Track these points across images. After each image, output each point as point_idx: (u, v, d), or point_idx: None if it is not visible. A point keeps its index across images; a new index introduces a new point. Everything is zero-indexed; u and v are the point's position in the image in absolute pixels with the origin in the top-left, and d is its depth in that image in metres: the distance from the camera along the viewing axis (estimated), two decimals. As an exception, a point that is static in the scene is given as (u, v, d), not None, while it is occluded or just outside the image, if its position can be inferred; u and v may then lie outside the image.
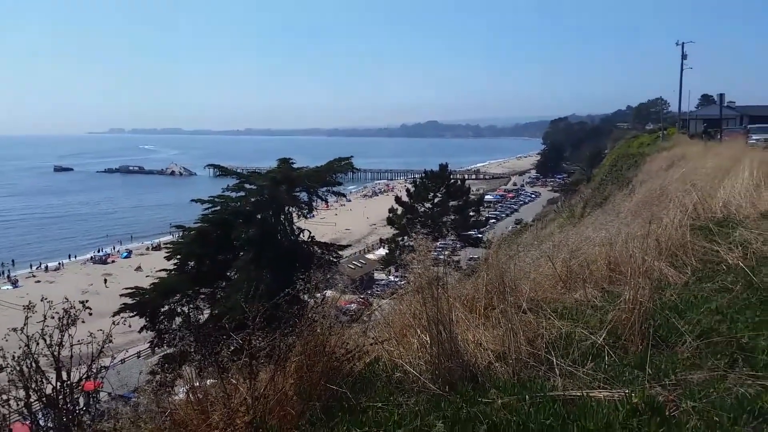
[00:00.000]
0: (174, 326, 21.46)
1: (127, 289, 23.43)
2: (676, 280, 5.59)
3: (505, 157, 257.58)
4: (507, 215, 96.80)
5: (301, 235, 25.97)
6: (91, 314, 4.05)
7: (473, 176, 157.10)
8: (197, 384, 3.82)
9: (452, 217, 49.15)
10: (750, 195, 9.18)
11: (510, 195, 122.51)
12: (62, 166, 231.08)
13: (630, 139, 74.14)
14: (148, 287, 23.18)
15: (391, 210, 51.02)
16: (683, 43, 56.40)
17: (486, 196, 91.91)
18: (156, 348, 22.87)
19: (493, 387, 3.28)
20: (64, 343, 3.80)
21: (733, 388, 3.02)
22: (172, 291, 22.74)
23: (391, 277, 54.34)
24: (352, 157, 29.20)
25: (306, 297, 6.89)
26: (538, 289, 5.35)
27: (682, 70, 56.64)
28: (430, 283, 3.71)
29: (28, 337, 3.70)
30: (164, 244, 48.96)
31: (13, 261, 71.37)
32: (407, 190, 51.90)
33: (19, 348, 3.83)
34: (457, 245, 48.64)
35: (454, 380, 3.38)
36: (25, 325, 3.71)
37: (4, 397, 3.78)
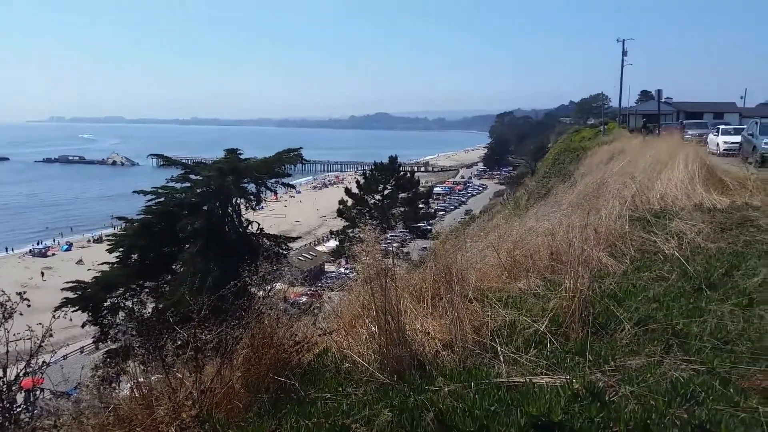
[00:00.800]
0: (117, 321, 20.87)
1: (68, 282, 22.63)
2: (615, 270, 5.81)
3: (453, 150, 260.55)
4: (455, 207, 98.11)
5: (250, 227, 25.64)
6: (29, 306, 3.90)
7: (422, 169, 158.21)
8: (142, 379, 3.74)
9: (402, 209, 49.48)
10: (685, 188, 9.62)
11: (458, 187, 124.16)
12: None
13: (572, 133, 76.14)
14: (90, 281, 22.45)
15: (341, 202, 50.89)
16: (624, 40, 58.36)
17: (435, 189, 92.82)
18: (99, 343, 22.21)
19: (440, 375, 3.35)
20: (0, 338, 3.64)
21: (668, 372, 3.16)
22: (114, 285, 22.10)
23: (342, 269, 54.28)
24: (301, 148, 28.98)
25: (254, 290, 6.82)
26: (484, 279, 5.47)
27: (622, 66, 58.62)
28: (379, 273, 3.74)
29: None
30: (106, 236, 47.26)
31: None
32: (357, 182, 51.86)
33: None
34: (407, 237, 49.05)
35: (402, 369, 3.43)
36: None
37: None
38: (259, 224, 25.96)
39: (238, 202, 25.41)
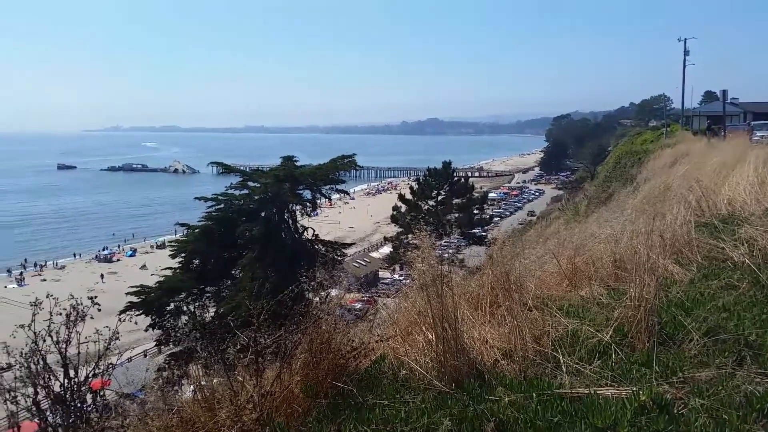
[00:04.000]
0: (179, 324, 21.57)
1: (132, 287, 23.53)
2: (682, 278, 5.57)
3: (508, 155, 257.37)
4: (511, 213, 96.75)
5: (305, 233, 26.03)
6: (100, 310, 4.07)
7: (476, 174, 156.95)
8: (204, 382, 3.83)
9: (456, 215, 49.16)
10: (755, 192, 9.14)
11: (514, 193, 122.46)
12: (65, 164, 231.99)
13: (633, 136, 74.05)
14: (154, 286, 23.27)
15: (395, 208, 51.02)
16: (685, 39, 56.32)
17: (490, 194, 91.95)
18: (162, 346, 22.97)
19: (499, 385, 3.29)
20: (71, 340, 3.81)
21: (741, 385, 3.01)
22: (177, 289, 22.86)
23: (396, 276, 54.35)
24: (355, 154, 29.26)
25: (310, 295, 6.91)
26: (544, 287, 5.34)
27: (684, 66, 56.62)
28: (435, 280, 3.71)
29: (35, 334, 3.71)
30: (168, 242, 49.10)
31: (25, 260, 71.61)
32: (411, 188, 51.93)
33: (26, 345, 3.85)
34: (462, 243, 48.67)
35: (460, 378, 3.39)
36: (32, 322, 3.72)
37: (13, 394, 3.81)
38: (314, 230, 26.34)
39: (294, 208, 25.85)
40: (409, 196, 50.61)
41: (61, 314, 3.83)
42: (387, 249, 56.78)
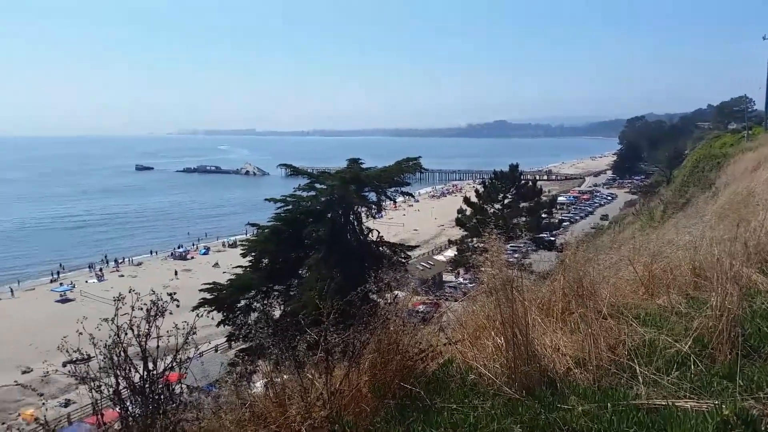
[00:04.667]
0: (250, 321, 22.20)
1: (205, 284, 24.40)
2: (767, 288, 5.26)
3: (578, 158, 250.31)
4: (581, 217, 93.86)
5: (370, 235, 26.21)
6: (178, 306, 4.26)
7: (545, 177, 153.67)
8: (275, 378, 3.93)
9: (523, 218, 48.19)
10: None
11: (584, 197, 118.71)
12: (143, 165, 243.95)
13: (712, 139, 70.54)
14: (225, 283, 24.01)
15: (460, 211, 50.55)
16: (769, 37, 52.95)
17: (559, 198, 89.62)
18: (233, 342, 23.67)
19: (572, 393, 3.20)
20: (151, 334, 4.00)
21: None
22: (247, 287, 23.50)
23: (461, 279, 53.86)
24: (420, 157, 29.21)
25: (375, 297, 6.96)
26: (618, 294, 5.16)
27: (768, 67, 53.18)
28: (505, 284, 3.65)
29: (118, 327, 3.92)
30: (240, 241, 50.71)
31: (105, 256, 75.71)
32: (476, 191, 51.25)
33: (109, 337, 4.06)
34: (529, 248, 47.66)
35: (531, 385, 3.32)
36: (115, 316, 3.93)
37: (97, 383, 4.02)
38: (378, 232, 26.47)
39: (359, 210, 26.08)
40: (474, 199, 49.96)
41: (141, 309, 4.02)
42: (451, 252, 56.37)
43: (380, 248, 26.31)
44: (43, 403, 28.88)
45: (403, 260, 26.81)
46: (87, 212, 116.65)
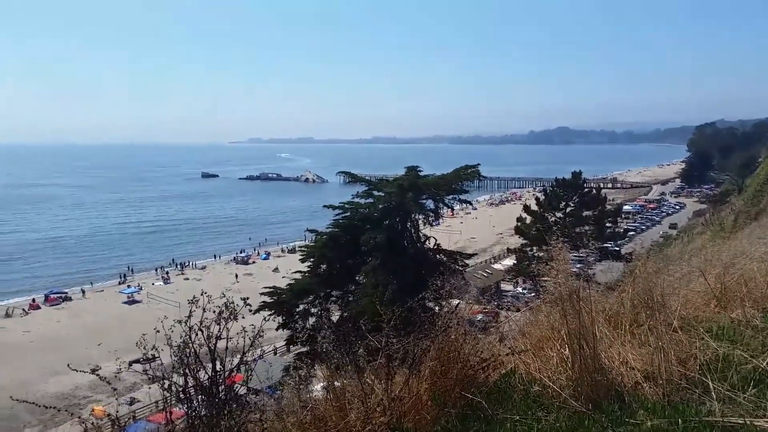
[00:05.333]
0: (308, 325, 22.51)
1: (266, 288, 24.92)
2: None
3: (645, 165, 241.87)
4: (648, 227, 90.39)
5: (427, 243, 26.11)
6: (251, 311, 4.38)
7: (609, 185, 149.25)
8: (336, 382, 3.96)
9: (586, 227, 46.88)
10: None
11: (651, 206, 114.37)
12: (209, 172, 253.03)
13: (789, 146, 66.58)
14: (285, 287, 24.44)
15: (519, 219, 49.68)
16: None
17: (624, 207, 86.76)
18: (291, 345, 24.04)
19: (641, 408, 3.08)
20: (221, 335, 4.11)
21: None
22: (306, 292, 23.83)
23: (519, 289, 52.88)
24: (479, 164, 28.92)
25: (431, 304, 6.93)
26: (689, 307, 4.93)
27: None
28: (571, 295, 3.56)
29: (190, 328, 4.05)
30: (299, 247, 51.60)
31: (173, 260, 78.68)
32: (537, 199, 50.28)
33: (180, 338, 4.20)
34: (592, 257, 46.31)
35: (598, 398, 3.21)
36: (189, 317, 4.06)
37: (167, 382, 4.17)
38: (435, 239, 26.34)
39: (417, 217, 26.04)
40: (534, 207, 49.02)
41: (214, 311, 4.14)
42: (510, 261, 55.44)
43: (437, 256, 26.16)
44: (117, 398, 30.19)
45: (461, 268, 26.55)
46: (157, 218, 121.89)
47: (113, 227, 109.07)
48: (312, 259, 25.41)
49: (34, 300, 60.60)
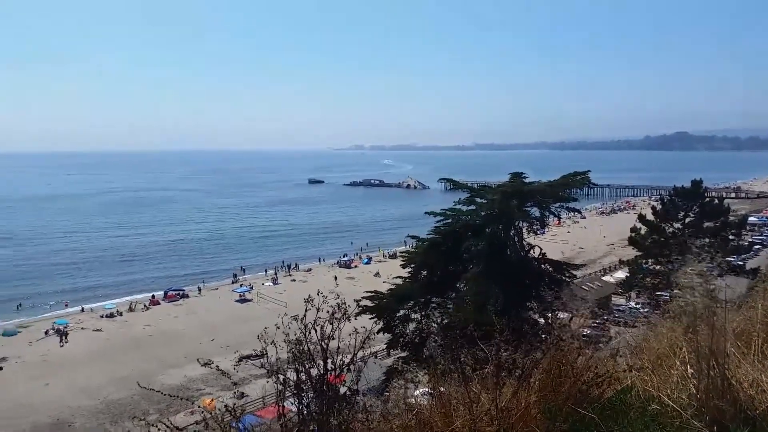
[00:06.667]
0: (408, 330, 22.64)
1: (367, 292, 25.35)
2: None
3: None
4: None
5: (531, 252, 25.41)
6: (362, 313, 4.52)
7: (733, 194, 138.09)
8: (441, 388, 3.97)
9: (706, 239, 43.53)
10: None
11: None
12: (315, 179, 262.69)
13: None
14: (386, 292, 24.73)
15: (634, 229, 46.98)
16: None
17: (749, 218, 79.78)
18: (391, 350, 24.26)
19: (775, 436, 2.83)
20: (333, 335, 4.26)
21: None
22: (406, 297, 23.97)
23: (632, 303, 50.13)
24: (588, 171, 27.74)
25: (537, 316, 6.76)
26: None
27: None
28: (696, 311, 3.34)
29: (305, 326, 4.23)
30: (400, 252, 52.07)
31: (283, 262, 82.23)
32: (653, 208, 47.37)
33: (294, 335, 4.40)
34: (714, 272, 42.96)
35: (724, 421, 2.99)
36: (304, 315, 4.24)
37: (281, 376, 4.37)
38: (541, 249, 25.55)
39: (521, 225, 25.40)
40: (650, 217, 46.20)
41: (327, 311, 4.30)
42: (621, 273, 52.72)
43: (542, 266, 25.36)
44: (234, 391, 31.95)
45: (567, 279, 25.55)
46: (269, 221, 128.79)
47: (229, 231, 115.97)
48: (413, 265, 25.52)
49: (154, 296, 65.78)
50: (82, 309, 62.36)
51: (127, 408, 38.15)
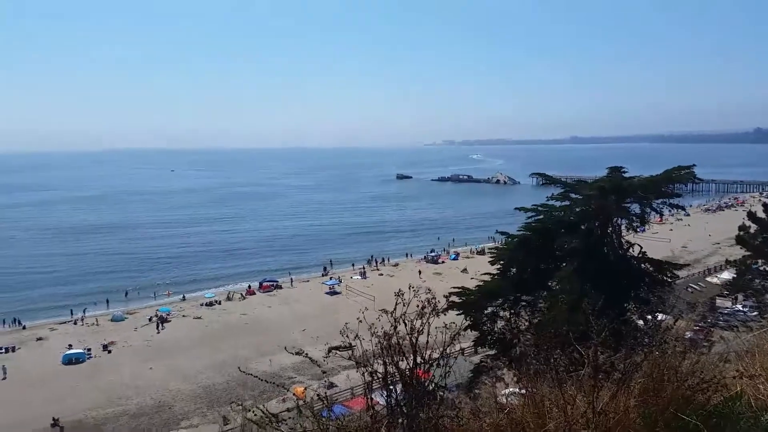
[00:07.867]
0: (497, 328, 22.30)
1: (454, 288, 25.19)
2: None
3: None
4: None
5: (630, 250, 24.23)
6: (447, 309, 4.51)
7: None
8: (533, 389, 3.89)
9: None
10: None
11: None
12: (403, 174, 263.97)
13: None
14: (473, 288, 24.44)
15: (742, 228, 43.61)
16: None
17: None
18: (479, 347, 23.99)
19: None
20: (422, 329, 4.27)
21: None
22: (495, 294, 23.57)
23: (738, 306, 46.73)
24: (693, 165, 26.04)
25: (635, 317, 6.44)
26: None
27: None
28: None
29: (395, 319, 4.27)
30: (488, 249, 51.20)
31: (372, 256, 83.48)
32: (764, 205, 43.74)
33: (382, 328, 4.45)
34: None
35: None
36: (394, 309, 4.29)
37: (369, 368, 4.44)
38: (641, 247, 24.29)
39: (619, 222, 24.27)
40: (761, 215, 42.68)
41: (417, 306, 4.33)
42: (728, 274, 49.20)
43: (642, 265, 24.10)
44: (325, 381, 32.76)
45: (669, 280, 24.14)
46: (356, 217, 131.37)
47: (322, 226, 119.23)
48: (502, 262, 25.05)
49: (250, 286, 68.86)
50: (184, 297, 66.41)
51: (222, 393, 40.20)
